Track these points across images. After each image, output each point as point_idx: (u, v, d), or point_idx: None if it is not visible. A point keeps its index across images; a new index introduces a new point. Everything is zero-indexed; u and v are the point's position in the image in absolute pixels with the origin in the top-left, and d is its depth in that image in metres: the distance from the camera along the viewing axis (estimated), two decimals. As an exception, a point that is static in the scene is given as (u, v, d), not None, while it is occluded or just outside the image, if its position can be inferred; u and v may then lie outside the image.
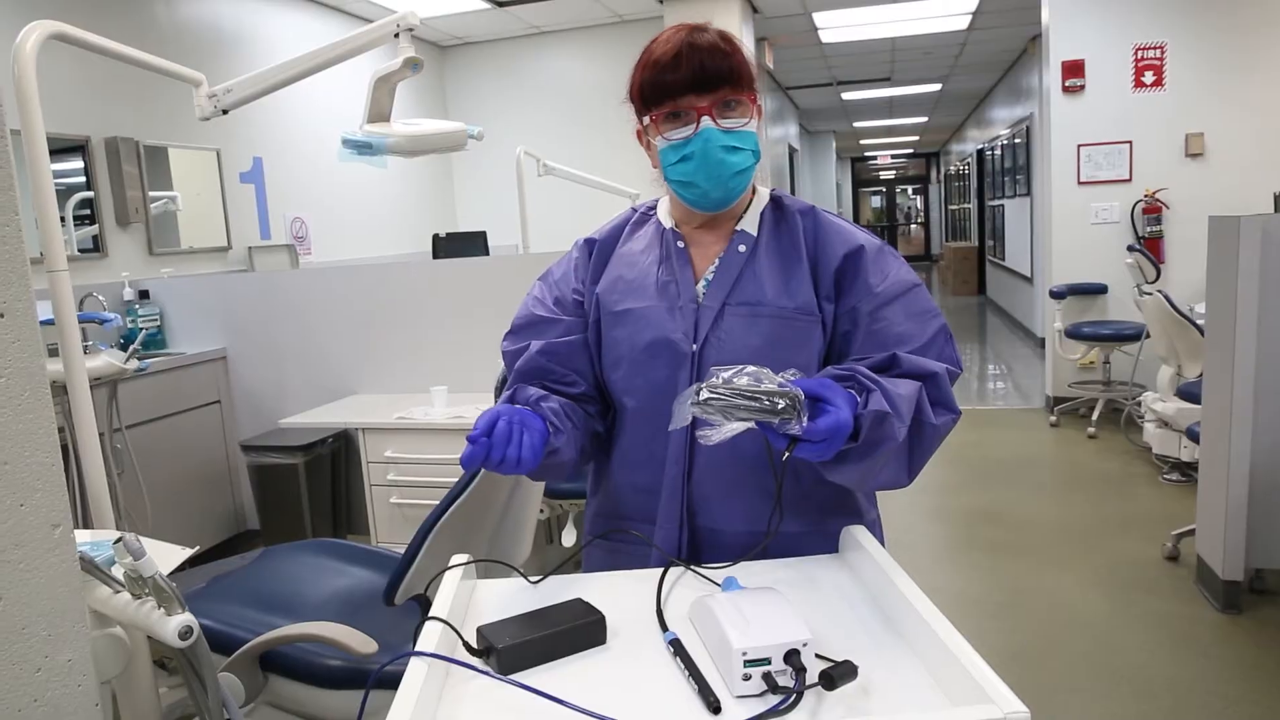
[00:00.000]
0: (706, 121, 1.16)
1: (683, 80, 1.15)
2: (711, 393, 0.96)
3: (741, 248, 1.24)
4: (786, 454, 0.99)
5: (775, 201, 1.29)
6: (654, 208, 1.35)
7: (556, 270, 1.34)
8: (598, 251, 1.31)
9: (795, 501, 1.20)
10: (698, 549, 1.22)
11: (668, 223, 1.30)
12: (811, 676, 0.82)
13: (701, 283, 1.24)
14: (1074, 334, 5.30)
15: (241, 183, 4.87)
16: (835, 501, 1.24)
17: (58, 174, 3.76)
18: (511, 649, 0.91)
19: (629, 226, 1.33)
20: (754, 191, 1.29)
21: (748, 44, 6.02)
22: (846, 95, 10.76)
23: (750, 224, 1.26)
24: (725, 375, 0.98)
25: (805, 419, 0.96)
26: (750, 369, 0.99)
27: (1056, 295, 5.46)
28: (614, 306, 1.25)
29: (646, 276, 1.25)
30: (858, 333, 1.18)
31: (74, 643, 0.96)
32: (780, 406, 0.95)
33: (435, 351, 3.48)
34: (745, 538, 1.19)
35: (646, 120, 1.21)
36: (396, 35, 2.15)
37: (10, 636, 0.89)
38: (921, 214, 21.78)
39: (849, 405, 1.01)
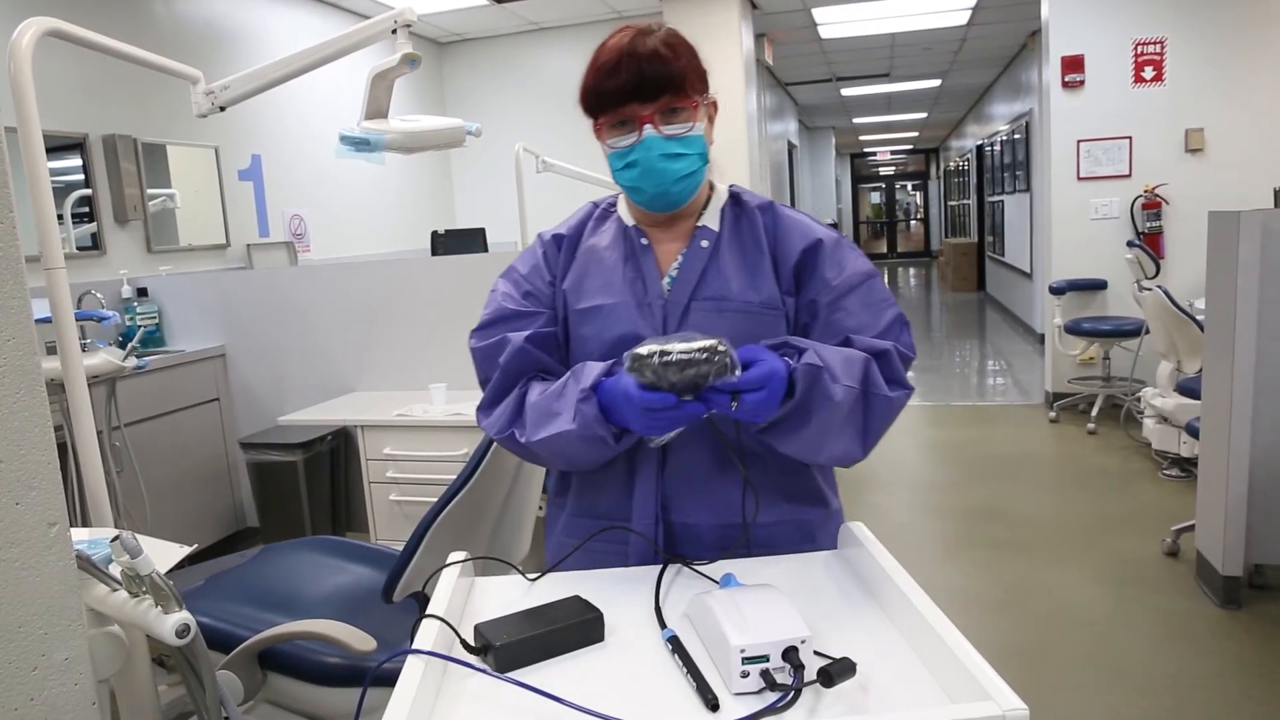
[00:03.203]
0: (649, 130, 1.17)
1: (623, 88, 1.16)
2: (640, 358, 1.01)
3: (704, 243, 1.25)
4: (735, 403, 1.03)
5: (734, 198, 1.31)
6: (614, 204, 1.35)
7: (522, 265, 1.32)
8: (566, 246, 1.31)
9: (765, 491, 1.22)
10: (673, 545, 1.22)
11: (629, 220, 1.30)
12: (810, 674, 0.82)
13: (666, 279, 1.25)
14: (1073, 330, 5.30)
15: (240, 180, 4.86)
16: (802, 490, 1.26)
17: (56, 171, 3.76)
18: (509, 647, 0.91)
19: (591, 222, 1.33)
20: (712, 188, 1.30)
21: (746, 40, 6.01)
22: (846, 91, 10.74)
23: (711, 220, 1.27)
24: (651, 346, 1.02)
25: (739, 368, 1.02)
26: (674, 335, 1.03)
27: (1056, 291, 5.45)
28: (580, 303, 1.25)
29: (613, 273, 1.26)
30: (816, 324, 1.22)
31: (70, 641, 0.96)
32: (709, 357, 1.00)
33: (434, 349, 3.47)
34: (720, 531, 1.21)
35: (594, 125, 1.22)
36: (394, 31, 2.14)
37: (6, 635, 0.89)
38: (921, 210, 21.76)
39: (779, 359, 1.07)
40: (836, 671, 0.81)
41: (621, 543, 1.23)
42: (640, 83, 1.15)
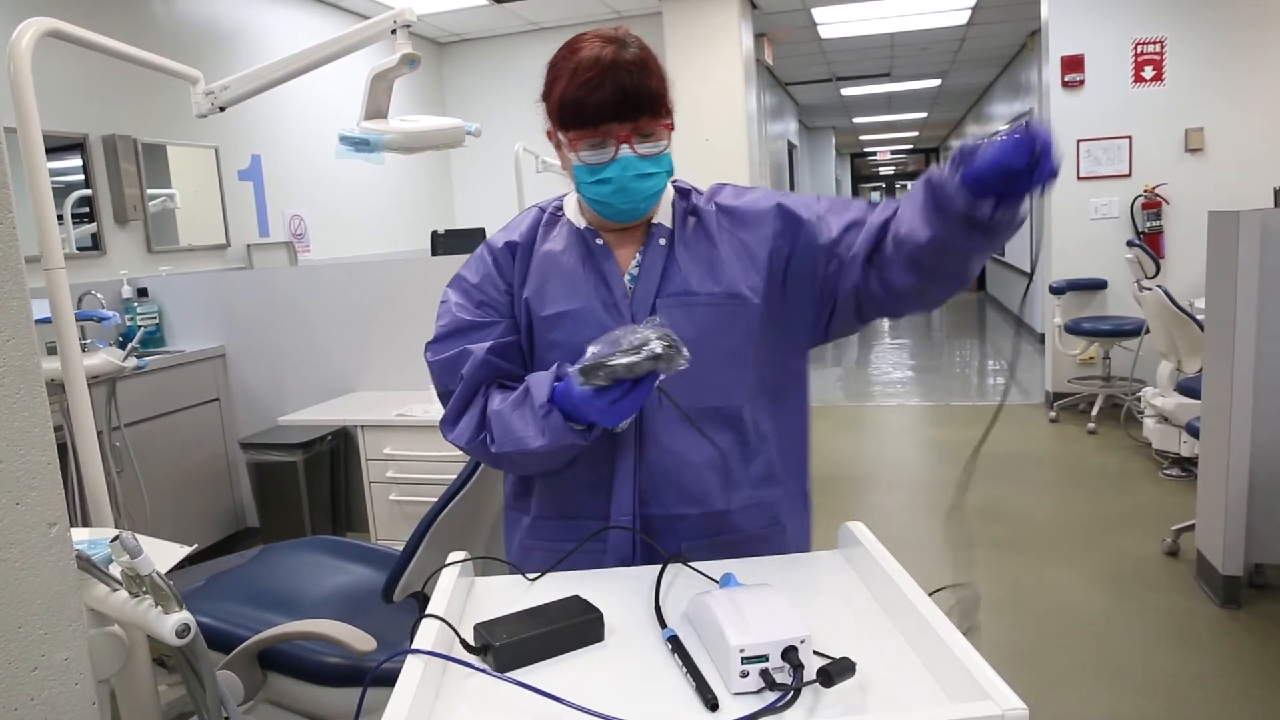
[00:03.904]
0: (625, 150, 1.17)
1: (605, 106, 1.15)
2: (590, 369, 1.04)
3: (661, 241, 1.27)
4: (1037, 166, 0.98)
5: (681, 193, 1.32)
6: (560, 207, 1.34)
7: (471, 275, 1.30)
8: (520, 253, 1.29)
9: (735, 476, 1.24)
10: (651, 538, 1.22)
11: (579, 222, 1.30)
12: (809, 673, 0.82)
13: (626, 277, 1.26)
14: (1074, 329, 5.30)
15: (240, 180, 4.86)
16: (762, 473, 1.28)
17: (56, 172, 3.76)
18: (509, 646, 0.91)
19: (541, 227, 1.32)
20: None
21: (745, 40, 6.01)
22: (846, 91, 10.74)
23: (664, 217, 1.29)
24: (593, 348, 1.05)
25: (685, 353, 1.03)
26: (614, 334, 1.05)
27: (1056, 291, 5.45)
28: (545, 310, 1.25)
29: (573, 277, 1.25)
30: (838, 245, 1.24)
31: (70, 641, 0.96)
32: (657, 352, 1.02)
33: (434, 349, 3.46)
34: (698, 521, 1.23)
35: (563, 136, 1.21)
36: (393, 31, 2.14)
37: (6, 635, 0.89)
38: (921, 210, 21.73)
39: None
40: (836, 671, 0.81)
41: (599, 540, 1.23)
42: (622, 100, 1.15)
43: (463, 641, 0.94)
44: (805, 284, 1.26)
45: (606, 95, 1.14)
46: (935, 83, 10.50)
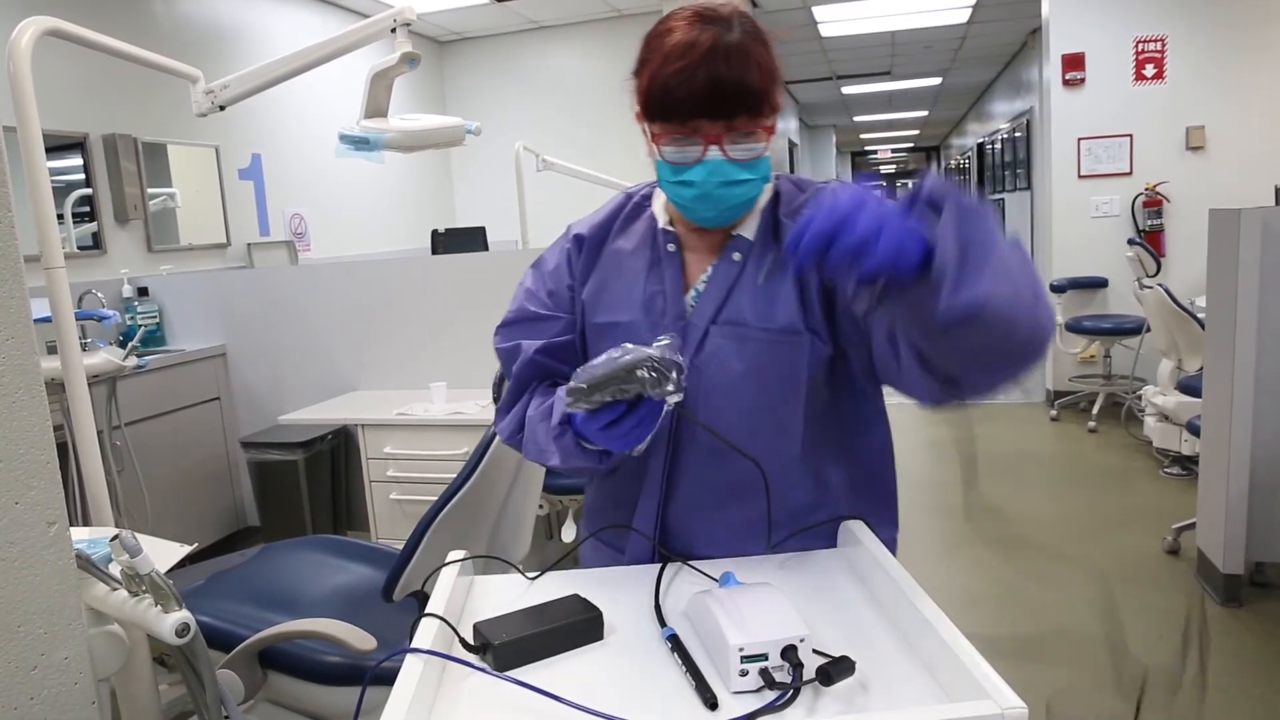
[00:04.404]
0: (714, 152, 1.02)
1: (695, 99, 1.00)
2: (576, 392, 0.95)
3: (736, 255, 1.12)
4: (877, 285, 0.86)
5: (777, 197, 1.14)
6: (650, 195, 1.22)
7: (550, 259, 1.22)
8: (587, 248, 1.20)
9: (782, 524, 1.12)
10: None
11: (661, 219, 1.17)
12: (809, 672, 0.82)
13: (691, 293, 1.14)
14: (1074, 328, 5.29)
15: (240, 179, 4.87)
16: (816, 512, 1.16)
17: (56, 171, 3.76)
18: (508, 645, 0.90)
19: (620, 219, 1.21)
20: None
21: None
22: (846, 89, 10.73)
23: (749, 228, 1.13)
24: (582, 372, 0.96)
25: (681, 377, 0.93)
26: (614, 351, 0.95)
27: (1057, 289, 5.45)
28: (596, 317, 1.17)
29: (633, 285, 1.15)
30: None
31: (70, 640, 0.96)
32: (642, 376, 0.92)
33: (434, 347, 3.47)
34: (725, 566, 1.14)
35: (648, 126, 1.07)
36: (393, 30, 2.14)
37: (6, 634, 0.89)
38: (922, 208, 21.71)
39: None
40: (835, 670, 0.81)
41: (618, 551, 1.21)
42: (714, 95, 1.00)
43: (462, 640, 0.94)
44: (849, 317, 1.08)
45: (697, 87, 0.99)
46: (936, 81, 10.49)
